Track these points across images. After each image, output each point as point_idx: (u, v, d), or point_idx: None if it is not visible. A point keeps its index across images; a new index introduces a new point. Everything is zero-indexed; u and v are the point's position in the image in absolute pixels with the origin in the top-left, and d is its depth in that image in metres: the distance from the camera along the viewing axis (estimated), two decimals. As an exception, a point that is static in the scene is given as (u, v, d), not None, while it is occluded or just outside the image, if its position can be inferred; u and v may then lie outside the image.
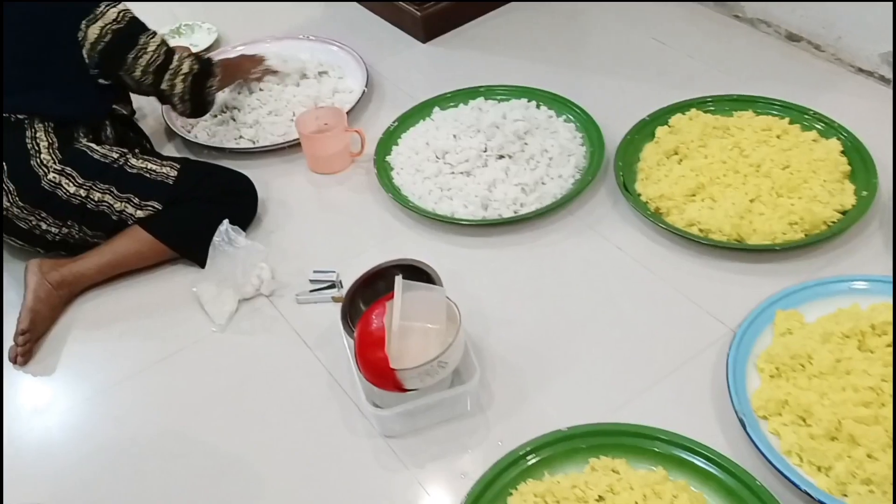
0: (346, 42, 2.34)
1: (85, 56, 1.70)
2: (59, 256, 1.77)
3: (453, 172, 1.86)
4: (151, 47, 1.76)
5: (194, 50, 2.37)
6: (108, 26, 1.70)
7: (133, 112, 2.10)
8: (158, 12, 2.66)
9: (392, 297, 1.44)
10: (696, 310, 1.55)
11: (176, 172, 1.76)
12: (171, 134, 2.14)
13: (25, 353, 1.61)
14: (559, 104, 2.02)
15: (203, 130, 2.09)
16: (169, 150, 2.11)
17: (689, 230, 1.66)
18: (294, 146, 2.03)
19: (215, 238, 1.69)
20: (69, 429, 1.52)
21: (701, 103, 1.92)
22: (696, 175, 1.73)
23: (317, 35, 2.38)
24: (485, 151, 1.87)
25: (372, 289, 1.55)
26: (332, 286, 1.69)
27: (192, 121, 2.12)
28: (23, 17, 1.66)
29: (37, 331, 1.64)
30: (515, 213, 1.77)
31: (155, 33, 1.79)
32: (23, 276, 1.71)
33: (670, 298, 1.58)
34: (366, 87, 2.17)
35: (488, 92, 2.08)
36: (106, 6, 1.71)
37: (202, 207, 1.76)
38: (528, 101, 2.03)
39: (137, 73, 1.77)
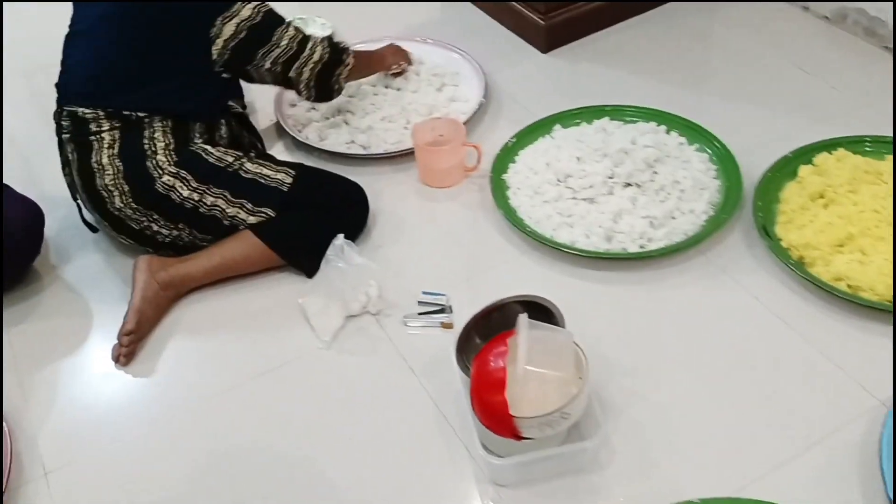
0: (464, 47, 2.24)
1: (214, 52, 1.64)
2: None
3: (575, 198, 1.74)
4: (284, 41, 1.71)
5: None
6: (244, 23, 1.64)
7: (244, 107, 2.05)
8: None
9: (512, 334, 1.34)
10: (842, 376, 1.41)
11: (291, 179, 1.69)
12: (281, 132, 2.08)
13: (128, 353, 1.57)
14: (691, 131, 1.88)
15: (314, 132, 2.02)
16: (279, 148, 2.05)
17: (836, 285, 1.51)
18: (406, 155, 1.94)
19: (329, 252, 1.62)
20: (164, 437, 1.46)
21: (855, 142, 1.76)
22: (844, 224, 1.58)
23: (435, 38, 2.28)
24: (611, 178, 1.75)
25: (487, 320, 1.45)
26: (442, 310, 1.60)
27: (303, 121, 2.06)
28: (152, 14, 1.61)
29: (141, 331, 1.60)
30: (642, 248, 1.65)
31: (289, 25, 1.73)
32: (130, 272, 1.66)
33: (812, 360, 1.44)
34: (483, 97, 2.07)
35: (615, 112, 1.95)
36: (242, 3, 1.64)
37: (314, 216, 1.69)
38: (658, 125, 1.90)
39: (267, 64, 1.72)
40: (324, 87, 1.81)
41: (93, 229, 1.81)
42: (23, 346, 1.63)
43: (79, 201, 1.75)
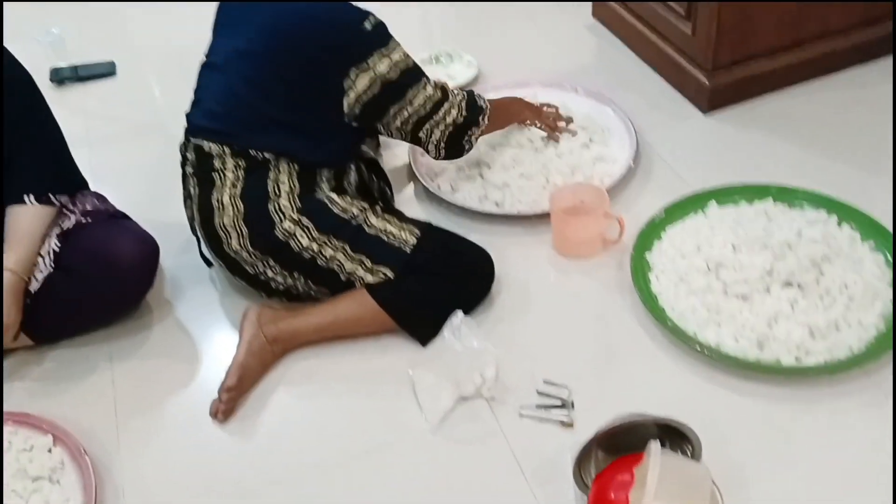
0: (615, 98, 2.12)
1: (346, 104, 1.59)
2: (278, 301, 1.70)
3: (727, 292, 1.58)
4: (418, 101, 1.64)
5: (451, 84, 2.23)
6: (378, 77, 1.58)
7: (378, 145, 2.00)
8: (416, 30, 2.58)
9: (640, 459, 1.21)
10: None
11: (415, 240, 1.62)
12: (412, 176, 2.01)
13: (227, 410, 1.53)
14: (867, 225, 1.69)
15: (447, 183, 1.94)
16: (407, 194, 1.98)
17: None
18: (542, 217, 1.83)
19: (445, 330, 1.53)
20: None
21: None
22: None
23: (585, 87, 2.16)
24: (769, 274, 1.58)
25: (612, 433, 1.32)
26: (563, 405, 1.48)
27: (437, 169, 1.98)
28: (288, 56, 1.57)
29: (243, 387, 1.56)
30: (797, 360, 1.48)
31: (426, 83, 1.65)
32: (241, 315, 1.64)
33: None
34: (633, 161, 1.93)
35: (780, 193, 1.78)
36: (379, 55, 1.58)
37: (435, 282, 1.61)
38: (828, 215, 1.72)
39: (396, 123, 1.66)
40: (453, 147, 1.74)
41: (209, 263, 1.79)
42: (125, 386, 1.62)
43: (197, 235, 1.73)
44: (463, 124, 1.71)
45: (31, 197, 1.60)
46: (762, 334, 1.51)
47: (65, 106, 2.31)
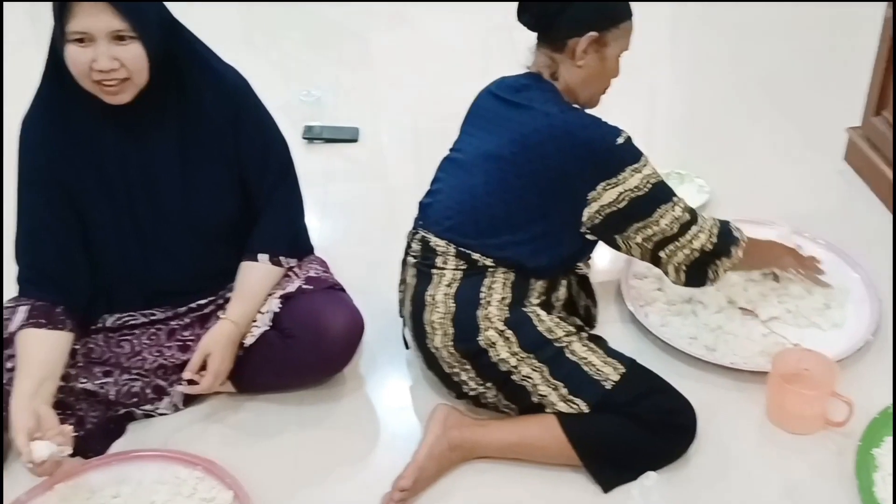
0: (859, 257, 1.84)
1: (585, 214, 1.46)
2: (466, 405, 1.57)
3: (970, 524, 1.27)
4: (666, 220, 1.47)
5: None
6: (627, 192, 1.44)
7: (589, 258, 1.84)
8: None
9: None
10: None
11: (617, 377, 1.43)
12: (619, 297, 1.82)
13: (397, 508, 1.41)
14: None
15: (657, 314, 1.74)
16: (612, 315, 1.79)
17: None
18: (757, 375, 1.58)
19: (634, 489, 1.34)
20: None
21: None
22: None
23: (827, 240, 1.89)
24: None
25: None
26: None
27: (647, 298, 1.79)
28: (534, 164, 1.45)
29: (416, 488, 1.43)
30: None
31: (676, 203, 1.48)
32: (428, 407, 1.54)
33: None
34: (872, 334, 1.64)
35: None
36: (631, 171, 1.44)
37: (630, 427, 1.41)
38: None
39: (637, 239, 1.50)
40: (695, 275, 1.55)
41: (407, 346, 1.70)
42: (306, 453, 1.54)
43: (403, 317, 1.65)
44: (711, 252, 1.51)
45: (266, 257, 1.59)
46: None
47: (309, 162, 2.34)
